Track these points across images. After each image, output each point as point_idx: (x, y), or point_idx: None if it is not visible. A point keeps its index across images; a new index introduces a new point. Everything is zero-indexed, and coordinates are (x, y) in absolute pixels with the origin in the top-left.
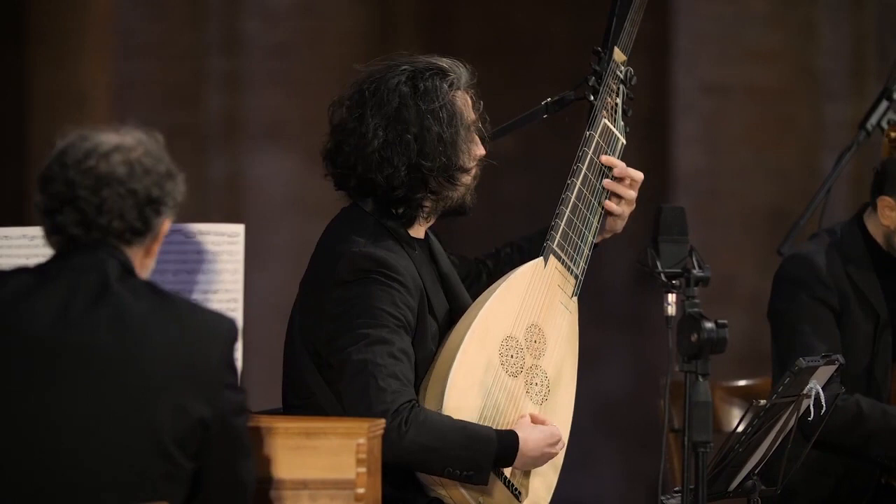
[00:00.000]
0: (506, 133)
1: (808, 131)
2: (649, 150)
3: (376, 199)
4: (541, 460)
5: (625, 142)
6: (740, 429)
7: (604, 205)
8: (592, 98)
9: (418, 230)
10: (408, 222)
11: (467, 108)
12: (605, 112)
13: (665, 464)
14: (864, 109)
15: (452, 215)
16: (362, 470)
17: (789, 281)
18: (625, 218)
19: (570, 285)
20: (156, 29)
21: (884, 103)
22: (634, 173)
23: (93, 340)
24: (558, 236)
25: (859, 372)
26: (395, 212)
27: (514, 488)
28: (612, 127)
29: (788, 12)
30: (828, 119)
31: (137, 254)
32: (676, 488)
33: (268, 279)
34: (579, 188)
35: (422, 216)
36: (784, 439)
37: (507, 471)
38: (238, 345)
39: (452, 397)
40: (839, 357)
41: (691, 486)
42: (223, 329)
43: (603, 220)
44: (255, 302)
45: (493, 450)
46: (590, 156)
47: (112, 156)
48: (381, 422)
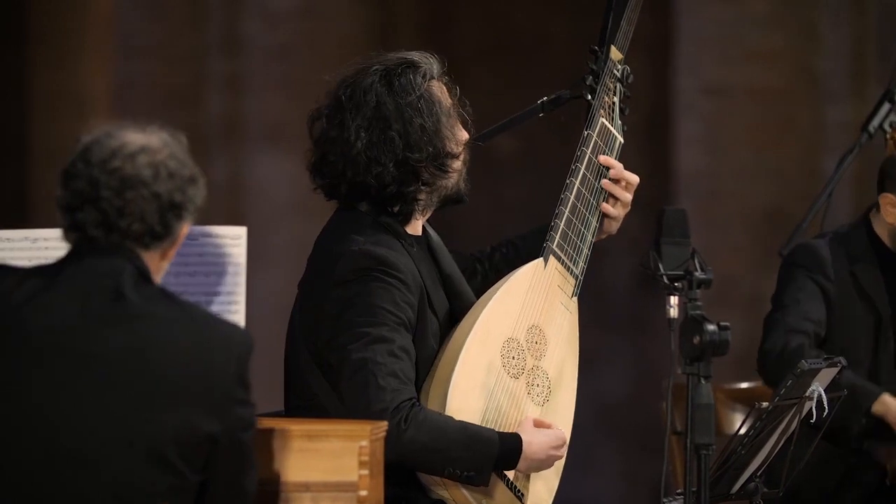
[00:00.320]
0: (502, 131)
1: (809, 132)
2: (650, 152)
3: (372, 201)
4: (546, 463)
5: (623, 141)
6: (742, 431)
7: (600, 206)
8: (590, 97)
9: (416, 225)
10: (405, 219)
11: (444, 95)
12: (602, 111)
13: (667, 466)
14: (864, 111)
15: (450, 204)
16: (365, 472)
17: (792, 264)
18: (620, 220)
19: (570, 285)
20: (156, 30)
21: (886, 105)
22: (630, 176)
23: (103, 348)
24: (558, 237)
25: (861, 370)
26: (390, 209)
27: (517, 490)
28: (609, 126)
29: (789, 13)
30: (828, 120)
31: (154, 257)
32: (679, 490)
33: (270, 281)
34: (578, 188)
35: (418, 210)
36: (787, 442)
37: (509, 473)
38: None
39: (455, 399)
40: (841, 360)
41: (693, 489)
42: (238, 342)
43: (601, 221)
44: (257, 304)
45: (495, 451)
46: (588, 155)
47: (138, 157)
48: (384, 424)
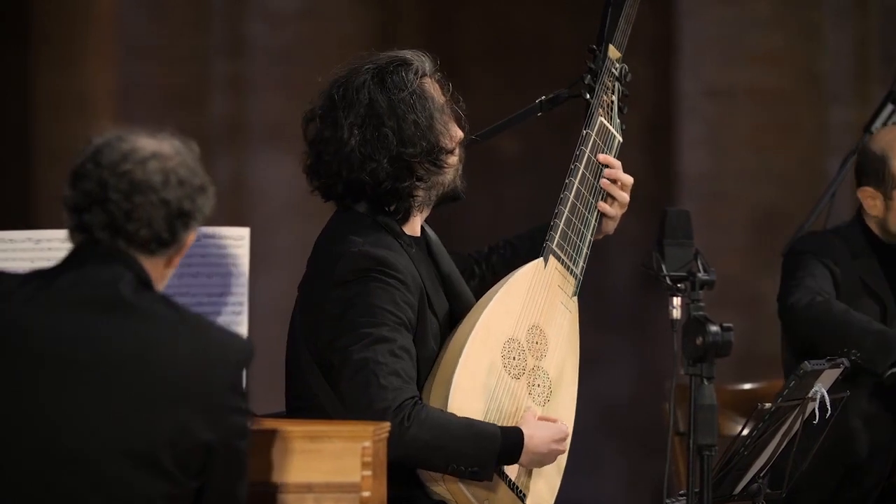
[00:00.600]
0: (500, 131)
1: (812, 134)
2: (654, 154)
3: (368, 200)
4: (548, 457)
5: (622, 139)
6: (745, 432)
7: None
8: (588, 96)
9: (414, 225)
10: (403, 217)
11: (437, 91)
12: (601, 110)
13: (670, 467)
14: (867, 112)
15: (447, 202)
16: (367, 473)
17: (798, 253)
18: (617, 219)
19: (571, 285)
20: (159, 31)
21: (889, 107)
22: (625, 177)
23: (102, 352)
24: (557, 236)
25: None
26: (388, 209)
27: (519, 490)
28: (608, 125)
29: (791, 15)
30: (831, 122)
31: (158, 264)
32: (681, 491)
33: (272, 282)
34: (577, 187)
35: (415, 207)
36: (789, 442)
37: (511, 473)
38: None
39: (456, 400)
40: (844, 360)
41: (696, 490)
42: (236, 350)
43: (599, 220)
44: (261, 305)
45: (497, 446)
46: (587, 154)
47: (149, 163)
48: (387, 425)
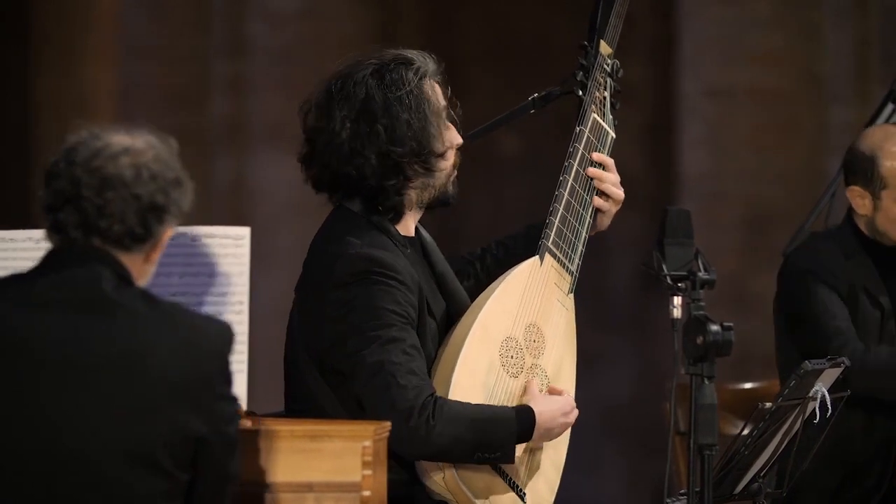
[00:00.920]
0: (493, 129)
1: (812, 134)
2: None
3: (362, 198)
4: (557, 431)
5: (615, 135)
6: (745, 431)
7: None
8: (581, 93)
9: (408, 225)
10: (396, 217)
11: (436, 95)
12: (594, 106)
13: (671, 466)
14: (867, 112)
15: (437, 206)
16: (368, 472)
17: (799, 273)
18: (611, 216)
19: (567, 282)
20: (159, 32)
21: (889, 106)
22: (612, 177)
23: (97, 355)
24: (553, 234)
25: None
26: (380, 208)
27: (519, 489)
28: (601, 121)
29: (791, 15)
30: (831, 121)
31: (136, 260)
32: (682, 491)
33: (273, 282)
34: (571, 184)
35: (405, 207)
36: (790, 442)
37: (511, 471)
38: (244, 347)
39: (456, 398)
40: (844, 360)
41: (697, 489)
42: (215, 336)
43: (594, 216)
44: (261, 304)
45: (515, 428)
46: (581, 151)
47: (120, 158)
48: (387, 424)
